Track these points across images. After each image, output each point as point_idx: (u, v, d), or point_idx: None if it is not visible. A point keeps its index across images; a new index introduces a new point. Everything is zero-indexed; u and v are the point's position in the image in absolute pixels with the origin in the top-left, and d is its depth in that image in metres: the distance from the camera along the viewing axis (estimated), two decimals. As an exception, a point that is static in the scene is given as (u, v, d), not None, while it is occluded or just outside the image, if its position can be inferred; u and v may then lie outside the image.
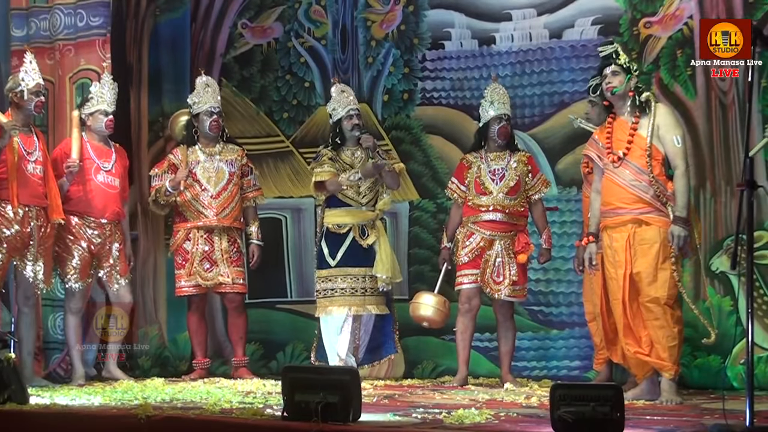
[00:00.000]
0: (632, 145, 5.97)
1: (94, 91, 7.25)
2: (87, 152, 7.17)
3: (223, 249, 7.47)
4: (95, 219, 7.15)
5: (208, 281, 7.46)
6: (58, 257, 7.05)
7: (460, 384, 6.90)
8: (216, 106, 7.58)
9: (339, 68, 8.30)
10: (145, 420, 4.77)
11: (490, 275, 6.89)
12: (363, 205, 7.27)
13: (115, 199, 7.26)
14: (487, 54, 7.90)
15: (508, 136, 7.04)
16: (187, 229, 7.49)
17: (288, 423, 4.58)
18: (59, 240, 7.03)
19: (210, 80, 7.70)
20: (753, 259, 4.43)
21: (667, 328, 5.86)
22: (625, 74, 6.03)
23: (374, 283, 7.20)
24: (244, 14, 8.57)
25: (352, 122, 7.30)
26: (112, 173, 7.27)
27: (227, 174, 7.55)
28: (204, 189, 7.49)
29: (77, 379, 7.02)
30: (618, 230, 5.99)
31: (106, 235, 7.18)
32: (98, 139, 7.28)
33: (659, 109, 6.02)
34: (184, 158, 7.53)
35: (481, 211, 6.95)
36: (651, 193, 5.92)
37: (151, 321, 8.08)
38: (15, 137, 6.56)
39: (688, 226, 5.87)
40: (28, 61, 6.80)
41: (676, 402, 5.77)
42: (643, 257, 5.91)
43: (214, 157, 7.57)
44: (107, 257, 7.19)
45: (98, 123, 7.22)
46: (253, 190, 7.70)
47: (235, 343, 7.63)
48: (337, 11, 8.36)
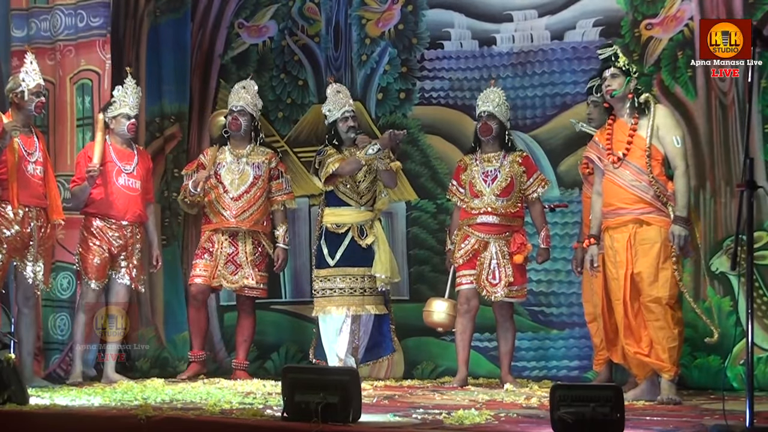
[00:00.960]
0: (632, 145, 6.00)
1: (116, 95, 7.30)
2: (109, 155, 7.22)
3: (247, 252, 7.49)
4: (116, 221, 7.19)
5: (234, 284, 7.49)
6: (81, 256, 7.13)
7: (460, 384, 6.90)
8: (238, 105, 7.60)
9: (332, 66, 8.30)
10: (145, 421, 4.76)
11: (485, 277, 6.89)
12: (362, 205, 7.27)
13: (137, 202, 7.29)
14: (488, 55, 7.91)
15: (489, 133, 6.99)
16: (212, 231, 7.53)
17: (288, 423, 4.57)
18: (81, 239, 7.14)
19: (248, 83, 7.75)
20: (753, 260, 4.43)
21: (668, 329, 5.87)
22: (625, 76, 6.04)
23: (373, 283, 7.19)
24: (241, 14, 8.59)
25: (348, 124, 7.29)
26: (134, 176, 7.30)
27: (251, 177, 7.56)
28: (225, 190, 7.51)
29: (76, 377, 7.03)
30: (619, 230, 6.00)
31: (127, 237, 7.22)
32: (121, 143, 7.32)
33: (659, 110, 6.04)
34: (211, 158, 7.58)
35: (474, 214, 6.96)
36: (651, 194, 5.93)
37: (147, 323, 8.07)
38: (15, 138, 6.57)
39: (689, 225, 5.88)
40: (28, 62, 6.81)
41: (675, 402, 5.77)
42: (644, 257, 5.92)
43: (240, 159, 7.59)
44: (129, 258, 7.23)
45: (120, 126, 7.27)
46: (282, 194, 7.69)
47: (239, 345, 7.64)
48: (330, 8, 8.37)
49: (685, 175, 5.91)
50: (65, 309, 7.41)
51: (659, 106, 6.11)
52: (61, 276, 7.41)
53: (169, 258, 8.03)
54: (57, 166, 7.41)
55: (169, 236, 8.09)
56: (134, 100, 7.33)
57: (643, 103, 6.03)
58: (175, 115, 8.34)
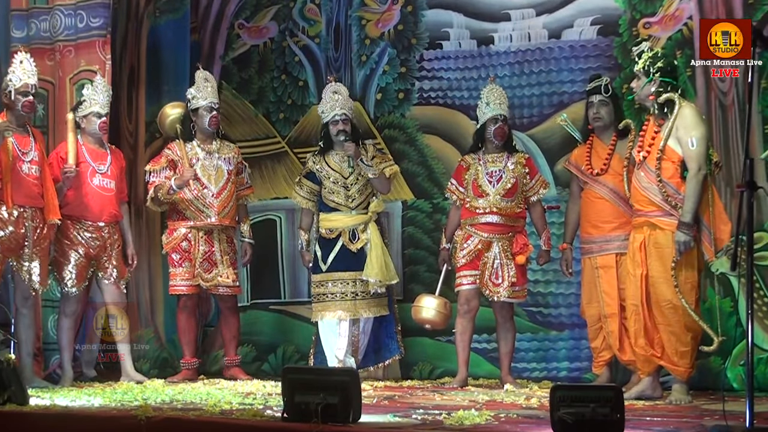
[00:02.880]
0: (652, 147, 5.99)
1: (86, 93, 7.21)
2: (82, 155, 7.14)
3: (222, 250, 7.47)
4: (92, 222, 7.13)
5: (208, 282, 7.45)
6: (55, 261, 7.04)
7: (460, 385, 6.90)
8: (216, 102, 7.55)
9: (332, 66, 8.30)
10: (145, 421, 4.77)
11: (488, 277, 6.89)
12: (353, 209, 7.26)
13: (111, 202, 7.22)
14: (486, 54, 7.90)
15: (504, 137, 7.03)
16: (187, 228, 7.46)
17: (288, 424, 4.58)
18: (57, 243, 7.02)
19: (209, 75, 7.65)
20: (753, 260, 4.43)
21: (680, 333, 5.88)
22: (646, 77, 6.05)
23: (366, 286, 7.19)
24: (241, 14, 8.58)
25: (337, 128, 7.27)
26: (108, 175, 7.23)
27: (226, 172, 7.53)
28: (205, 188, 7.44)
29: (66, 381, 7.00)
30: (639, 230, 6.07)
31: (104, 238, 7.16)
32: (93, 142, 7.24)
33: (682, 110, 5.95)
34: (183, 155, 7.45)
35: (478, 214, 6.95)
36: (660, 197, 5.92)
37: (146, 324, 8.06)
38: (9, 138, 6.55)
39: (692, 231, 5.85)
40: (17, 61, 6.76)
41: (685, 402, 5.80)
42: (656, 261, 5.94)
43: (213, 154, 7.53)
44: (108, 259, 7.18)
45: (92, 125, 7.18)
46: (245, 188, 7.68)
47: (228, 343, 7.62)
48: (331, 9, 8.36)
49: (695, 178, 5.82)
50: (65, 309, 7.39)
51: (685, 105, 6.00)
52: (60, 276, 7.38)
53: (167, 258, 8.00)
54: (56, 167, 7.42)
55: (168, 236, 8.07)
56: (104, 99, 7.21)
57: (664, 104, 6.01)
58: (174, 116, 8.32)
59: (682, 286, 5.86)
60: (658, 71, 6.02)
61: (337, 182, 7.27)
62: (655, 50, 6.18)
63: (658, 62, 6.03)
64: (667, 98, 5.97)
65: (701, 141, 5.87)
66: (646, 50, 6.10)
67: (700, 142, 5.87)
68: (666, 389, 6.16)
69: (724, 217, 5.94)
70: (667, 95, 5.98)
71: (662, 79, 6.01)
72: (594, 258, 6.67)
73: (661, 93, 6.00)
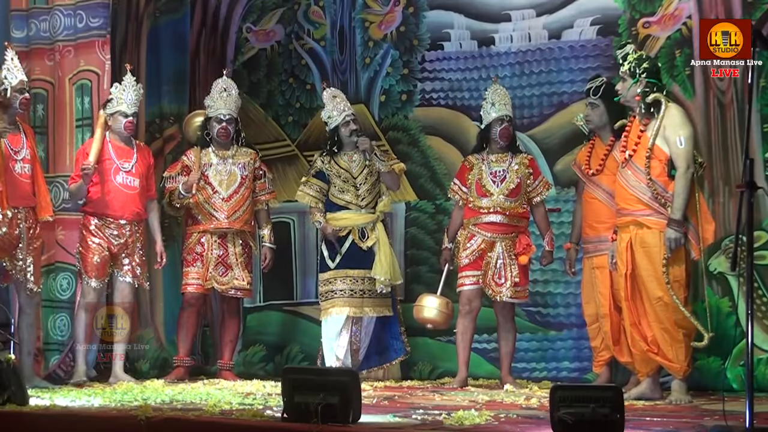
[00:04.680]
0: (638, 146, 6.02)
1: (114, 92, 7.25)
2: (108, 153, 7.19)
3: (237, 253, 7.48)
4: (114, 220, 7.17)
5: (224, 285, 7.46)
6: (80, 255, 7.12)
7: (460, 385, 6.90)
8: (226, 113, 7.53)
9: (337, 69, 8.32)
10: (145, 421, 4.76)
11: (491, 277, 6.89)
12: (362, 208, 7.28)
13: (135, 200, 7.26)
14: (487, 55, 7.91)
15: (510, 138, 7.05)
16: (200, 232, 7.49)
17: (288, 424, 4.58)
18: (81, 240, 7.12)
19: (229, 84, 7.66)
20: (753, 260, 4.42)
21: (673, 330, 5.90)
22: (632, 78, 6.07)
23: (373, 285, 7.20)
24: (248, 18, 8.61)
25: (350, 128, 7.31)
26: (132, 173, 7.26)
27: (239, 177, 7.54)
28: (215, 191, 7.48)
29: (79, 376, 7.03)
30: (624, 230, 6.09)
31: (126, 235, 7.20)
32: (120, 140, 7.29)
33: (669, 110, 6.00)
34: (197, 160, 7.52)
35: (481, 213, 6.96)
36: (649, 195, 5.95)
37: (146, 324, 8.06)
38: (4, 139, 6.53)
39: (683, 228, 5.88)
40: (9, 59, 6.75)
41: (685, 402, 5.82)
42: (644, 260, 5.96)
43: (227, 160, 7.56)
44: (131, 256, 7.22)
45: (118, 124, 7.23)
46: (265, 193, 7.69)
47: (225, 346, 7.62)
48: (335, 12, 8.37)
49: (685, 176, 5.88)
50: (65, 309, 7.39)
51: (671, 105, 6.07)
52: (60, 276, 7.38)
53: (168, 259, 8.00)
54: (56, 167, 7.42)
55: (168, 237, 8.06)
56: (132, 98, 7.25)
57: (651, 104, 6.03)
58: (174, 116, 8.32)
59: (671, 283, 5.88)
60: (644, 72, 6.07)
61: (347, 181, 7.28)
62: (639, 53, 6.23)
63: (644, 63, 6.09)
64: (655, 98, 6.02)
65: (689, 140, 5.95)
66: (630, 52, 6.16)
67: (688, 141, 5.94)
68: (666, 390, 6.16)
69: (708, 217, 6.05)
70: (654, 95, 6.04)
71: (648, 80, 6.07)
72: (591, 258, 6.71)
73: (648, 93, 6.05)
